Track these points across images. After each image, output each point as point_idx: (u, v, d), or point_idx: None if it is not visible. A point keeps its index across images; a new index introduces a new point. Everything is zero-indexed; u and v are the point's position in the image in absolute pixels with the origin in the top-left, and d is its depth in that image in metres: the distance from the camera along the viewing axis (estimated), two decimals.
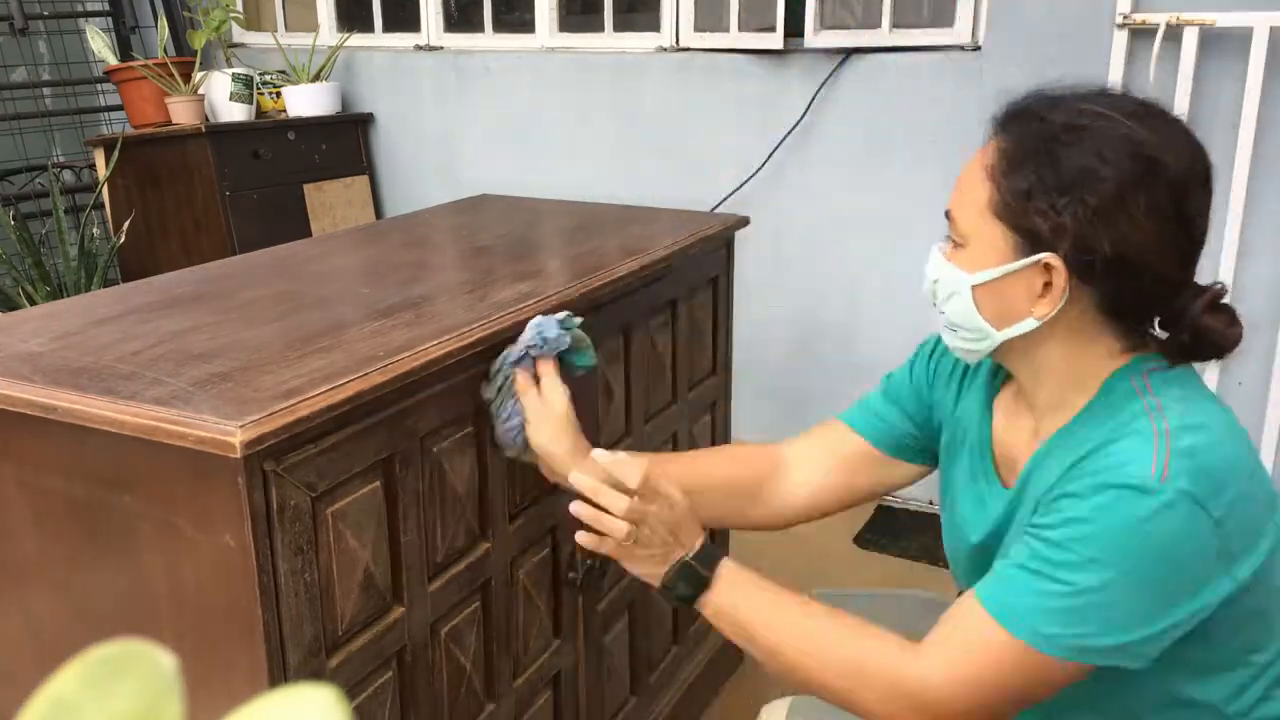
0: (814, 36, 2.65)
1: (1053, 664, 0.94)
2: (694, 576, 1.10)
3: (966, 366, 1.20)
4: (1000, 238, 1.00)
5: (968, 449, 1.17)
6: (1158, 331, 1.04)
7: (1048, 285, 0.99)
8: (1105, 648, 0.93)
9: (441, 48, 3.34)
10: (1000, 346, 1.04)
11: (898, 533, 2.72)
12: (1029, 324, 1.01)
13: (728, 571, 1.10)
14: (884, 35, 2.61)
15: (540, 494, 1.40)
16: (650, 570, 1.12)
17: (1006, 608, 0.96)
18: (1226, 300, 1.01)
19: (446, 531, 1.23)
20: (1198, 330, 0.99)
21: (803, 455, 1.31)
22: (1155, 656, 0.94)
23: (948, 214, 1.05)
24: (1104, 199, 0.95)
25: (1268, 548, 0.95)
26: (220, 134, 3.09)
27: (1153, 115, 0.99)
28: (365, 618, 1.12)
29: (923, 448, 1.26)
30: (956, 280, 1.03)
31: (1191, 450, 0.91)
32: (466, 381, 1.22)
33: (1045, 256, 0.97)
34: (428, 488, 1.19)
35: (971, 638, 0.98)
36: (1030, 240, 0.98)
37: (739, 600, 1.09)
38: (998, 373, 1.16)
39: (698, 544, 1.11)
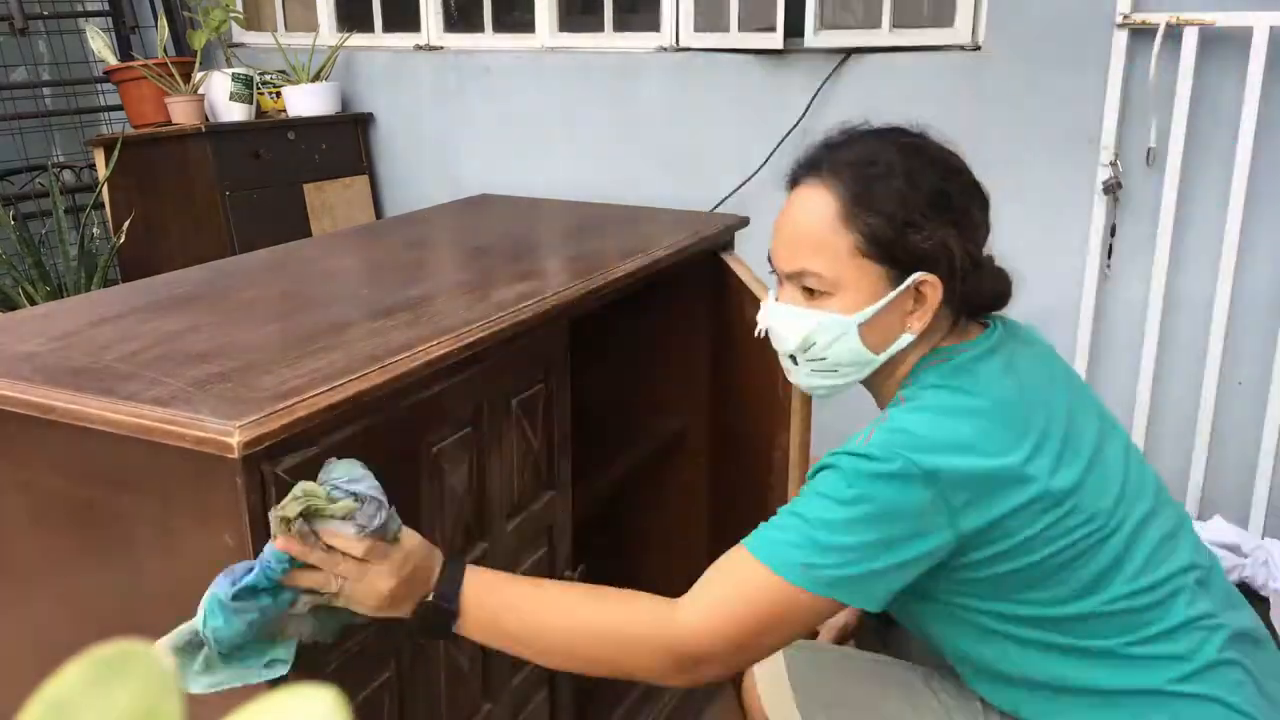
0: (814, 36, 2.65)
1: (802, 598, 0.98)
2: (440, 612, 1.02)
3: None
4: (874, 274, 1.07)
5: None
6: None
7: (917, 299, 1.08)
8: (836, 579, 0.98)
9: (441, 48, 3.34)
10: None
11: None
12: (905, 339, 1.10)
13: (473, 592, 1.02)
14: (884, 35, 2.61)
15: (539, 491, 1.40)
16: (395, 613, 1.01)
17: (764, 542, 1.01)
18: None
19: (445, 533, 1.23)
20: (998, 286, 1.12)
21: None
22: (885, 598, 1.01)
23: (793, 274, 1.11)
24: (959, 210, 1.07)
25: (1014, 505, 1.00)
26: (220, 134, 3.09)
27: (926, 136, 1.12)
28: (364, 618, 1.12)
29: None
30: (839, 325, 1.09)
31: (897, 428, 1.01)
32: (464, 384, 1.23)
33: (920, 276, 1.06)
34: (428, 488, 1.19)
35: (732, 578, 1.01)
36: (904, 266, 1.06)
37: (495, 610, 1.03)
38: None
39: (434, 578, 1.02)
